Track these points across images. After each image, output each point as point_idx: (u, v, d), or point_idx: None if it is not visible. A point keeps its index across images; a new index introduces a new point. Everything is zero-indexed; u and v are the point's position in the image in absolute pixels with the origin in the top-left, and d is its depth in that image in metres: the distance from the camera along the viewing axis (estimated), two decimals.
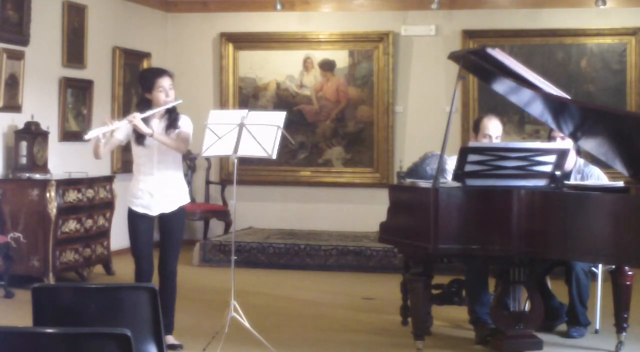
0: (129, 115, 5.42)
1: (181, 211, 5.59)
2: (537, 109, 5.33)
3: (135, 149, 5.53)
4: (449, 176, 5.42)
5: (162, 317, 5.34)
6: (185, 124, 5.53)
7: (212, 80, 10.24)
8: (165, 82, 5.47)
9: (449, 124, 5.13)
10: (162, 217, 5.55)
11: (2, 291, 7.01)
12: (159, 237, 5.65)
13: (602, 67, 9.51)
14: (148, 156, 5.47)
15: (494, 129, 5.83)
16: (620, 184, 5.37)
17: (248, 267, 8.49)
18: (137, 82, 5.64)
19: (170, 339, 5.52)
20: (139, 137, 5.44)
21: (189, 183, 7.18)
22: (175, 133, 5.46)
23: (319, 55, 10.07)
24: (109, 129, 5.33)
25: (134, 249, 5.56)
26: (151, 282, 5.43)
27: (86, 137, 5.36)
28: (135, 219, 5.51)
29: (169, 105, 5.45)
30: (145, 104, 5.50)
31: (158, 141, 5.40)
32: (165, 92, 5.44)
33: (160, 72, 5.55)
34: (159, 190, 5.48)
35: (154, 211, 5.51)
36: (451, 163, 5.49)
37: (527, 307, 5.61)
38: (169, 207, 5.52)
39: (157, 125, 5.46)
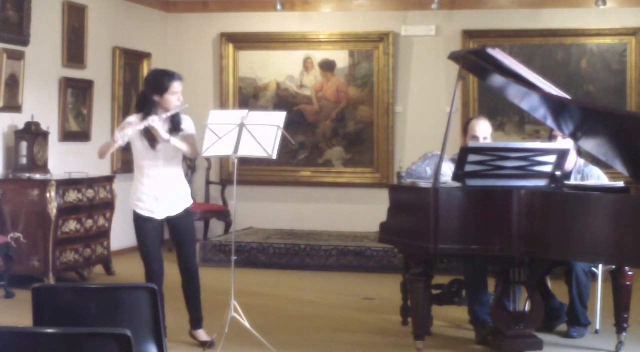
0: (148, 118, 5.29)
1: (187, 212, 5.58)
2: (537, 108, 5.33)
3: (139, 151, 5.43)
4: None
5: (192, 313, 5.56)
6: (188, 126, 5.49)
7: (212, 80, 10.24)
8: (179, 86, 5.41)
9: (449, 124, 5.13)
10: (170, 221, 5.52)
11: (2, 291, 7.00)
12: (172, 241, 5.68)
13: (602, 67, 9.50)
14: (153, 159, 5.40)
15: (481, 130, 5.82)
16: (620, 184, 5.37)
17: (248, 267, 8.49)
18: (147, 82, 5.49)
19: (202, 335, 5.55)
20: (152, 141, 5.35)
21: (190, 183, 7.17)
22: (180, 136, 5.40)
23: (319, 55, 10.06)
24: (135, 130, 5.28)
25: (142, 252, 5.50)
26: (162, 283, 5.45)
27: (120, 143, 5.26)
28: (141, 222, 5.46)
29: (178, 109, 5.38)
30: (149, 105, 5.37)
31: (175, 146, 5.34)
32: (178, 96, 5.40)
33: (175, 76, 5.43)
34: (163, 193, 5.43)
35: (160, 215, 5.47)
36: (445, 168, 5.42)
37: (527, 307, 5.61)
38: (174, 210, 5.49)
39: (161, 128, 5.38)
